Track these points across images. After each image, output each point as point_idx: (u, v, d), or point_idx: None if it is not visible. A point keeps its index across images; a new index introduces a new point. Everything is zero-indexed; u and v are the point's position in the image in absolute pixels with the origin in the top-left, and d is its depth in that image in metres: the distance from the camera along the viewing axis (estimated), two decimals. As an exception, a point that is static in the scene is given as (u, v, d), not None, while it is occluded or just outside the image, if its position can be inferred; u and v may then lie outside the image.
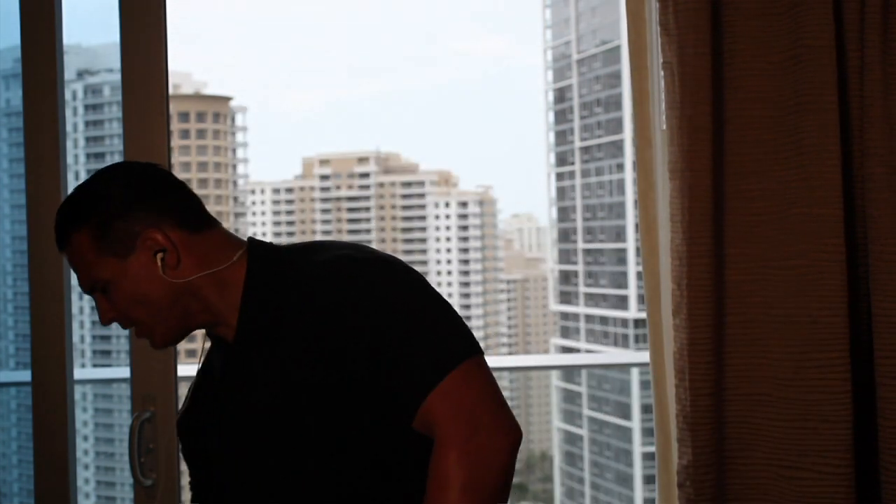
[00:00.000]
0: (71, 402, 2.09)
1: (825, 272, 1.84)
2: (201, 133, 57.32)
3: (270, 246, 1.47)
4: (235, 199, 58.15)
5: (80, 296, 1.60)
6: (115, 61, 2.07)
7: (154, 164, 1.48)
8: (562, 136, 59.60)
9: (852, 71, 1.88)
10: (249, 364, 1.41)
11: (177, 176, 1.49)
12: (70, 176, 2.15)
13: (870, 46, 1.85)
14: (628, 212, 52.84)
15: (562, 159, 59.40)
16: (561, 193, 58.88)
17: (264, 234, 64.07)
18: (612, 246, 54.01)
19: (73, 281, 1.76)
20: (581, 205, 56.71)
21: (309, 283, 1.37)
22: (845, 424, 1.82)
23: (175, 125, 55.44)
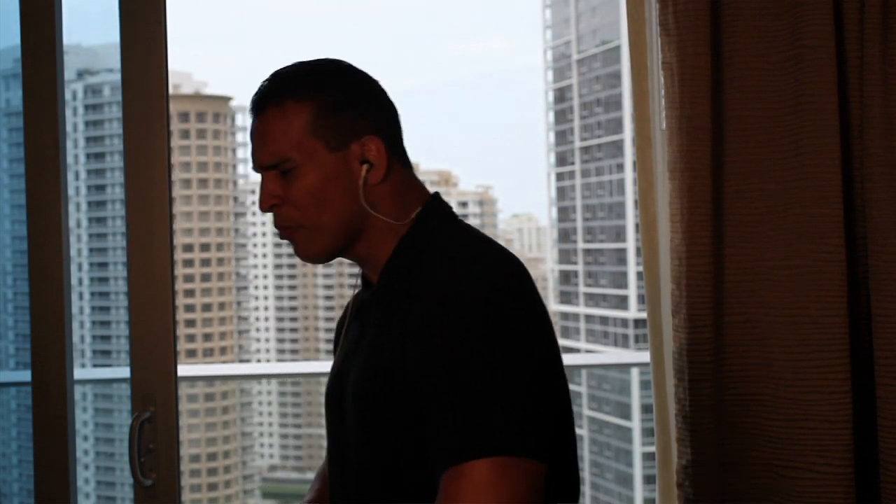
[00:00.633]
0: (71, 402, 2.09)
1: (825, 272, 1.83)
2: (201, 133, 57.23)
3: (447, 214, 1.36)
4: (235, 199, 58.07)
5: (80, 296, 1.59)
6: (115, 61, 2.06)
7: None
8: (562, 136, 59.64)
9: (852, 71, 1.88)
10: (369, 324, 1.32)
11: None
12: (70, 176, 2.14)
13: (870, 46, 1.85)
14: (628, 212, 52.86)
15: (562, 159, 59.44)
16: (561, 193, 58.91)
17: (264, 234, 64.11)
18: (612, 246, 54.04)
19: (73, 281, 1.75)
20: (581, 205, 56.75)
21: (440, 282, 1.23)
22: (845, 424, 1.82)
23: (175, 125, 55.36)
